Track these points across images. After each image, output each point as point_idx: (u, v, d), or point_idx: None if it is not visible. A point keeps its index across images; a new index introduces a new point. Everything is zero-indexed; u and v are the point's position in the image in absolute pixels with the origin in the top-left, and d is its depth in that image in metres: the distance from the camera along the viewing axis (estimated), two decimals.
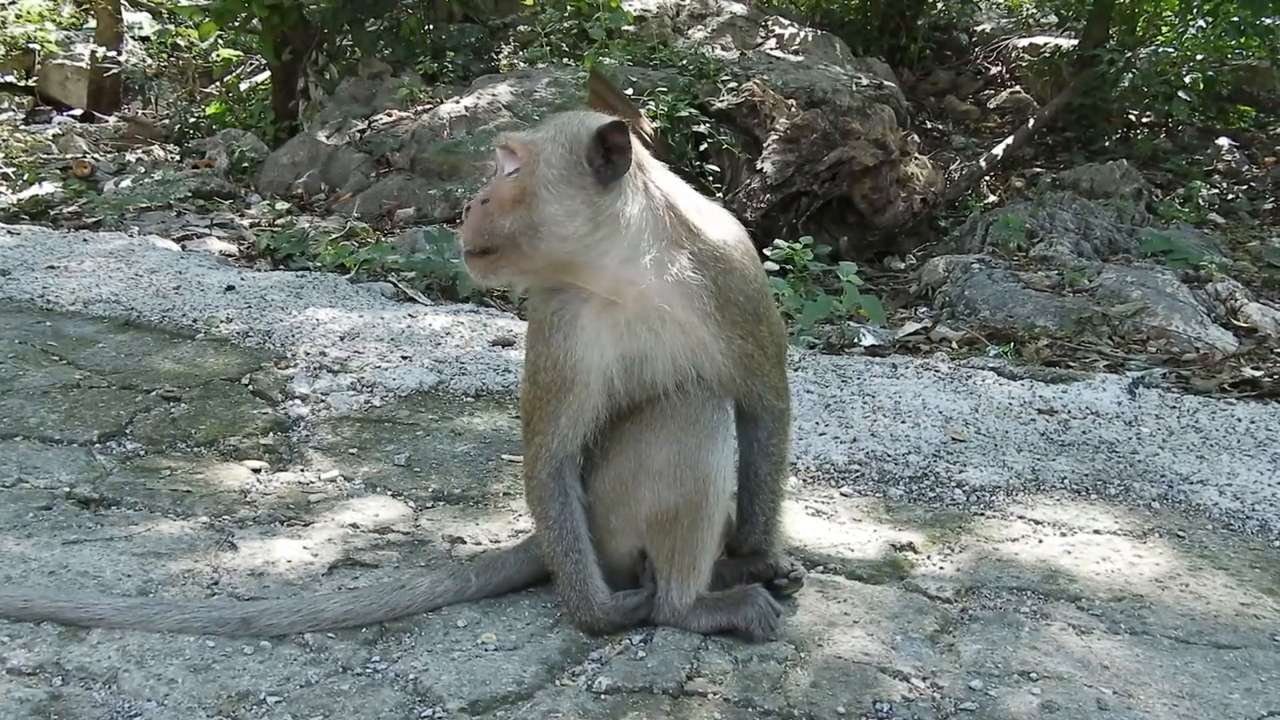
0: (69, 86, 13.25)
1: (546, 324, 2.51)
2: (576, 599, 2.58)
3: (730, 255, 2.54)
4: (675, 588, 2.58)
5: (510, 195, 2.42)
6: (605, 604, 2.58)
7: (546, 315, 2.52)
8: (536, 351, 2.55)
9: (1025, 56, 12.85)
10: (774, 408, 2.69)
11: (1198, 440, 3.99)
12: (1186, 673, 2.51)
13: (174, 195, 8.38)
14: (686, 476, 2.49)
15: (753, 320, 2.56)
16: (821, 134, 8.37)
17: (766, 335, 2.60)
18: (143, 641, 2.47)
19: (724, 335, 2.50)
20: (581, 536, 2.59)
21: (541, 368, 2.52)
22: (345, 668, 2.44)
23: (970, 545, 3.16)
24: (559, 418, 2.52)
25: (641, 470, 2.53)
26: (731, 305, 2.50)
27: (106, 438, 3.68)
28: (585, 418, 2.52)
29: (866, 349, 5.47)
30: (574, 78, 9.19)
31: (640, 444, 2.53)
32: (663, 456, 2.50)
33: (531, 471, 2.60)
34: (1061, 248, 7.76)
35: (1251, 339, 6.16)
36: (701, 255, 2.48)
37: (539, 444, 2.56)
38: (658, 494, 2.51)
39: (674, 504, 2.51)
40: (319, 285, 5.83)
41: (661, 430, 2.51)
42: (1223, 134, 11.43)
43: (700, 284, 2.46)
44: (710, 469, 2.50)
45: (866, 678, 2.44)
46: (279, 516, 3.21)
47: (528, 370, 2.60)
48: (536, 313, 2.57)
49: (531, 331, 2.59)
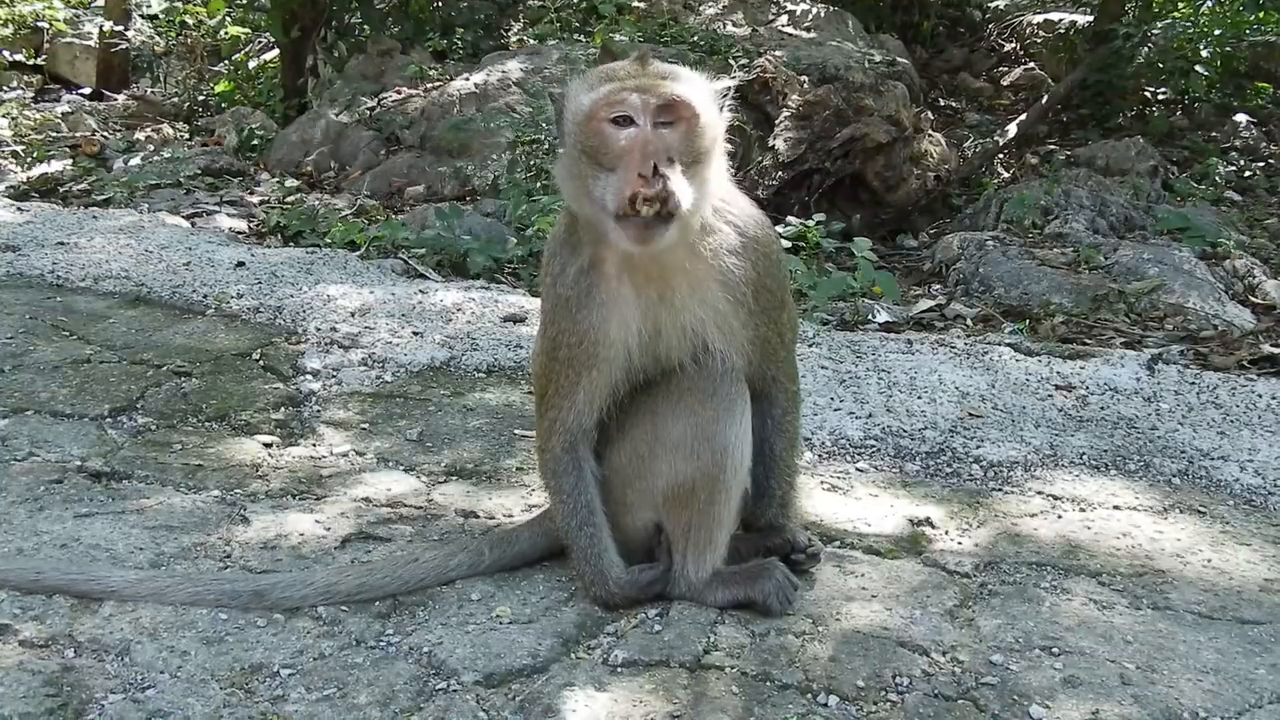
0: (77, 65, 13.22)
1: (574, 300, 2.45)
2: (591, 573, 2.56)
3: (769, 241, 2.54)
4: (691, 562, 2.55)
5: (693, 151, 2.29)
6: (620, 578, 2.56)
7: (574, 291, 2.45)
8: (559, 327, 2.49)
9: (1040, 33, 12.70)
10: (787, 388, 2.69)
11: (1218, 416, 3.94)
12: (1210, 648, 2.48)
13: (183, 173, 8.35)
14: (704, 450, 2.46)
15: (778, 308, 2.56)
16: (834, 111, 8.27)
17: (785, 322, 2.61)
18: (155, 614, 2.46)
19: (752, 322, 2.48)
20: (596, 510, 2.57)
21: (564, 343, 2.47)
22: (359, 641, 2.42)
23: (988, 520, 3.13)
24: (576, 393, 2.48)
25: (658, 443, 2.50)
26: (764, 293, 2.49)
27: (117, 412, 3.66)
28: (603, 393, 2.49)
29: (881, 325, 5.42)
30: (584, 54, 9.11)
31: (657, 417, 2.50)
32: (680, 429, 2.47)
33: (545, 445, 2.57)
34: (1077, 225, 7.67)
35: (1270, 316, 6.08)
36: (745, 240, 2.46)
37: (554, 418, 2.53)
38: (674, 467, 2.49)
39: (691, 477, 2.48)
40: (329, 262, 5.80)
41: (679, 403, 2.48)
42: (1240, 111, 11.28)
43: (742, 271, 2.44)
44: (727, 442, 2.47)
45: (885, 652, 2.41)
46: (291, 490, 3.19)
47: (545, 345, 2.56)
48: (562, 288, 2.48)
49: (554, 306, 2.52)
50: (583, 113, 2.33)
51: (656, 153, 2.23)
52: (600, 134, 2.30)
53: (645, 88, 2.29)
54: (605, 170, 2.28)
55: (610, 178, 2.27)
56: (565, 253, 2.49)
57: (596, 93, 2.32)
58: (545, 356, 2.55)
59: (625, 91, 2.28)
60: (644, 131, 2.26)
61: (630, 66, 2.38)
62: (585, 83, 2.39)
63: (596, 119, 2.30)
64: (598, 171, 2.29)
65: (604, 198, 2.28)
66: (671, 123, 2.28)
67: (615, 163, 2.27)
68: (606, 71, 2.40)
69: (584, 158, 2.33)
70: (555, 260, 2.52)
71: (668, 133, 2.27)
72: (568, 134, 2.39)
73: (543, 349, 2.57)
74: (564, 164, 2.45)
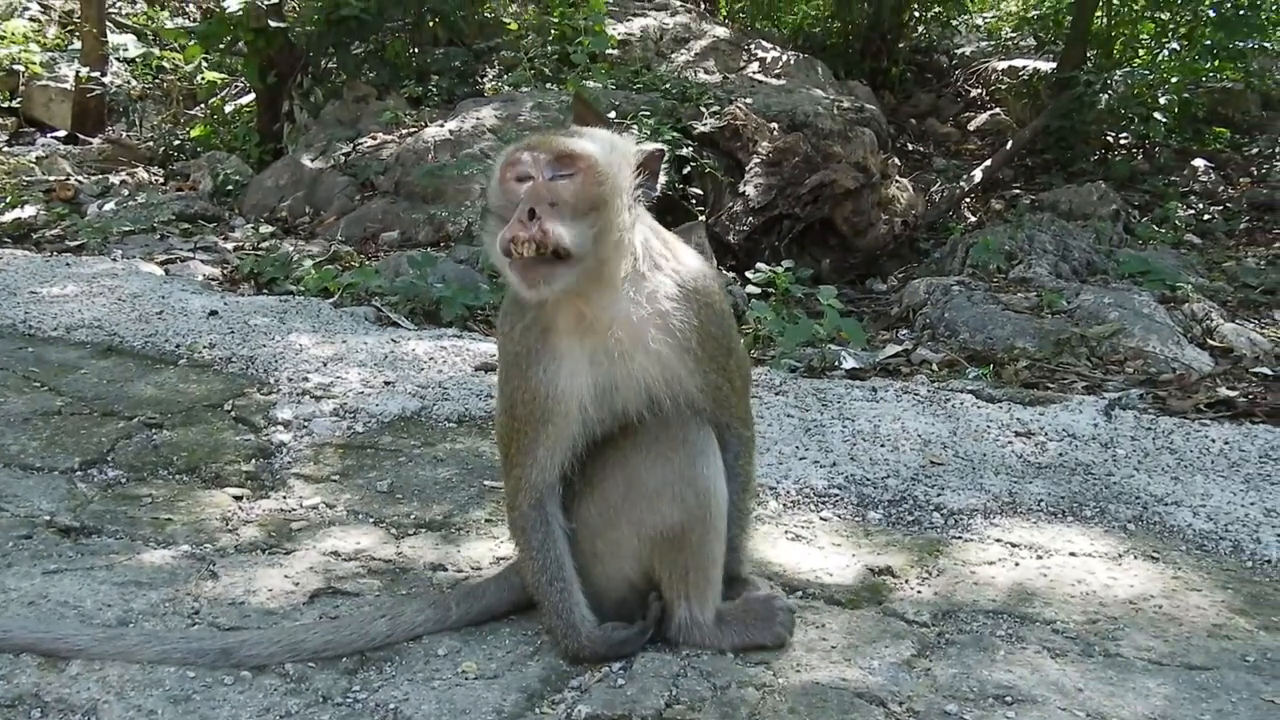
0: (53, 108, 13.23)
1: (523, 356, 2.53)
2: (563, 627, 2.59)
3: (710, 291, 2.60)
4: (695, 605, 2.62)
5: (586, 199, 2.38)
6: (592, 633, 2.59)
7: (523, 348, 2.53)
8: (513, 385, 2.56)
9: (1005, 79, 13.01)
10: (741, 434, 2.75)
11: (1172, 462, 4.04)
12: (1159, 695, 2.54)
13: (158, 218, 8.37)
14: (688, 493, 2.52)
15: (725, 355, 2.61)
16: (803, 157, 8.45)
17: (734, 368, 2.66)
18: (123, 672, 2.47)
19: (700, 370, 2.54)
20: (566, 565, 2.61)
21: (519, 400, 2.54)
22: (325, 698, 2.44)
23: (948, 569, 3.20)
24: (536, 449, 2.54)
25: (634, 492, 2.55)
26: (709, 340, 2.55)
27: (87, 465, 3.69)
28: (563, 446, 2.54)
29: (847, 372, 5.51)
30: (558, 101, 9.25)
31: (627, 468, 2.56)
32: (657, 477, 2.53)
33: (513, 503, 2.62)
34: (1040, 269, 7.83)
35: (1227, 359, 6.23)
36: (685, 290, 2.53)
37: (518, 475, 2.58)
38: (660, 514, 2.53)
39: (680, 521, 2.53)
40: (302, 310, 5.84)
41: (649, 452, 2.54)
42: (1199, 155, 11.58)
43: (684, 319, 2.50)
44: (709, 482, 2.54)
45: (843, 703, 2.46)
46: (260, 544, 3.22)
47: (503, 404, 2.62)
48: (512, 345, 2.56)
49: (506, 364, 2.60)
50: (494, 176, 2.48)
51: (537, 199, 2.34)
52: (504, 192, 2.44)
53: (538, 144, 2.44)
54: (503, 222, 2.39)
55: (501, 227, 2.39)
56: (515, 311, 2.57)
57: (502, 156, 2.49)
58: (505, 416, 2.61)
59: (520, 150, 2.44)
60: (537, 184, 2.38)
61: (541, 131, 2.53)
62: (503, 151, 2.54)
63: (503, 179, 2.45)
64: (498, 226, 2.41)
65: (492, 245, 2.40)
66: (569, 174, 2.39)
67: (509, 214, 2.38)
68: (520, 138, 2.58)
69: (493, 216, 2.47)
70: (506, 319, 2.60)
71: (562, 184, 2.38)
72: (489, 199, 2.53)
73: (502, 408, 2.64)
74: (486, 227, 2.58)
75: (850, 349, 5.84)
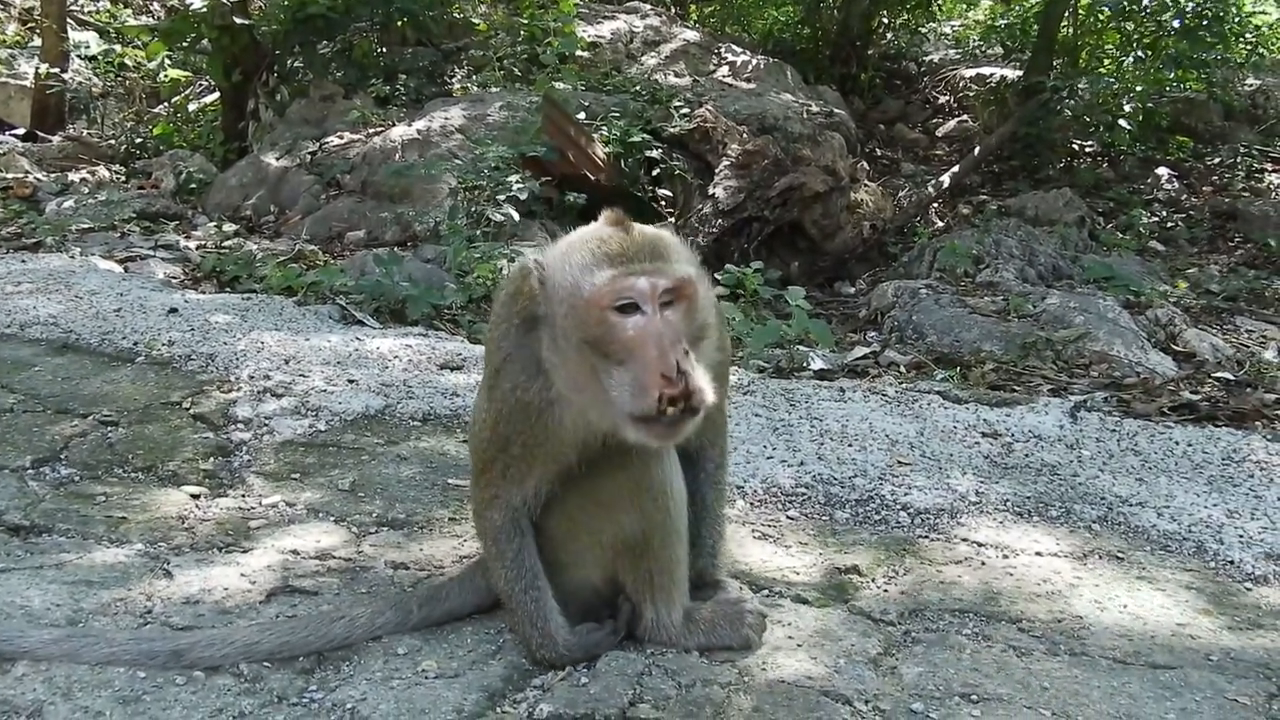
0: (12, 105, 13.00)
1: (533, 405, 2.38)
2: (539, 636, 2.54)
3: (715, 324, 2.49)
4: (663, 607, 2.59)
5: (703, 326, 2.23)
6: (569, 640, 2.55)
7: (533, 395, 2.37)
8: (514, 426, 2.41)
9: (972, 86, 13.12)
10: (719, 444, 2.78)
11: (1137, 463, 4.06)
12: (1124, 693, 2.54)
13: (118, 216, 8.24)
14: (644, 500, 2.48)
15: (722, 383, 2.57)
16: (773, 160, 8.46)
17: (722, 395, 2.62)
18: (70, 673, 2.40)
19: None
20: (539, 574, 2.56)
21: (517, 441, 2.43)
22: (281, 698, 2.38)
23: (914, 568, 3.18)
24: (527, 481, 2.48)
25: (591, 502, 2.52)
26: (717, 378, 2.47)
27: (40, 463, 3.59)
28: (550, 477, 2.49)
29: (815, 373, 5.51)
30: (527, 102, 9.20)
31: (585, 479, 2.51)
32: (612, 486, 2.49)
33: (484, 513, 2.56)
34: (1007, 274, 7.89)
35: (1190, 364, 6.30)
36: None
37: (495, 493, 2.52)
38: (619, 524, 2.50)
39: (640, 528, 2.50)
40: (265, 308, 5.75)
41: (605, 461, 2.48)
42: (1162, 164, 11.74)
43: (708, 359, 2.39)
44: (666, 484, 2.50)
45: (809, 702, 2.44)
46: (217, 543, 3.15)
47: (495, 438, 2.47)
48: (520, 392, 2.38)
49: (509, 409, 2.41)
50: (582, 300, 2.17)
51: (674, 345, 2.11)
52: (605, 323, 2.15)
53: (650, 271, 2.17)
54: (614, 364, 2.15)
55: (622, 373, 2.14)
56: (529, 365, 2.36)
57: (596, 278, 2.17)
58: (494, 448, 2.48)
59: (631, 278, 2.16)
60: (653, 320, 2.14)
61: (618, 237, 2.24)
62: (574, 258, 2.25)
63: (599, 307, 2.16)
64: (606, 365, 2.16)
65: (622, 399, 2.15)
66: (671, 302, 2.19)
67: (625, 355, 2.14)
68: (598, 246, 2.24)
69: (586, 348, 2.19)
70: (515, 366, 2.39)
71: (672, 315, 2.17)
72: (559, 316, 2.24)
73: (491, 440, 2.48)
74: (558, 350, 2.28)
75: (818, 350, 5.84)
